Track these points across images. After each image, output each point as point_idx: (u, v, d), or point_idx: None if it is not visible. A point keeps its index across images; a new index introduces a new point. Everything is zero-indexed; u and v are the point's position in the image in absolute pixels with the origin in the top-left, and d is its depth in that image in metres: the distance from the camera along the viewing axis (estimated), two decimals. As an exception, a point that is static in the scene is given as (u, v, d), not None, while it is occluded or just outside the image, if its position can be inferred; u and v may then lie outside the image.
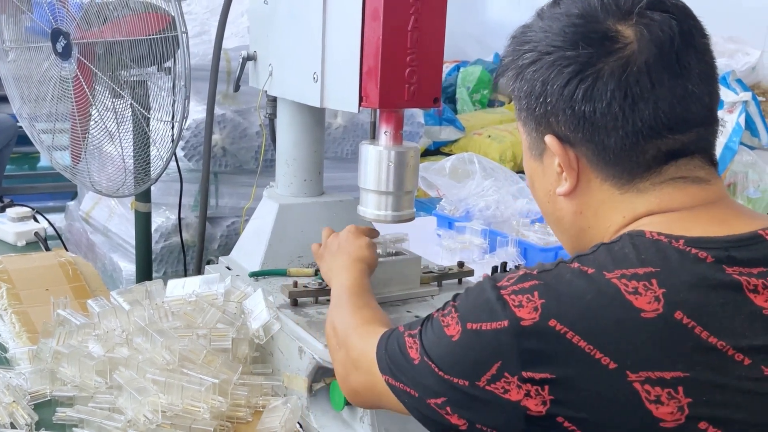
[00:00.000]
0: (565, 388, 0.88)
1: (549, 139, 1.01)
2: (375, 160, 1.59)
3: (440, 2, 1.53)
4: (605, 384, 0.86)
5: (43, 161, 5.30)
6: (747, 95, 3.88)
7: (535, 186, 1.12)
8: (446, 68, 6.08)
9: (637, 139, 0.96)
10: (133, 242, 2.59)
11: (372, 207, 1.62)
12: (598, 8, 0.98)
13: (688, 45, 0.96)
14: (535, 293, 0.91)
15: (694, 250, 0.91)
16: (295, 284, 1.65)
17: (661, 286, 0.88)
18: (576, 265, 0.93)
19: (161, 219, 2.85)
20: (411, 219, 1.66)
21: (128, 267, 2.95)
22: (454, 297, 1.03)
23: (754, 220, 0.98)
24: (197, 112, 2.65)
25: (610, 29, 0.96)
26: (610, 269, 0.91)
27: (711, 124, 1.00)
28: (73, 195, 3.90)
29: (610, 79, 0.94)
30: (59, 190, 4.85)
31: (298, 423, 1.44)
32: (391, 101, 1.53)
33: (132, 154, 2.22)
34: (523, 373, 0.89)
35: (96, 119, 2.25)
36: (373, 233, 1.64)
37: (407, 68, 1.52)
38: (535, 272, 0.95)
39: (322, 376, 1.46)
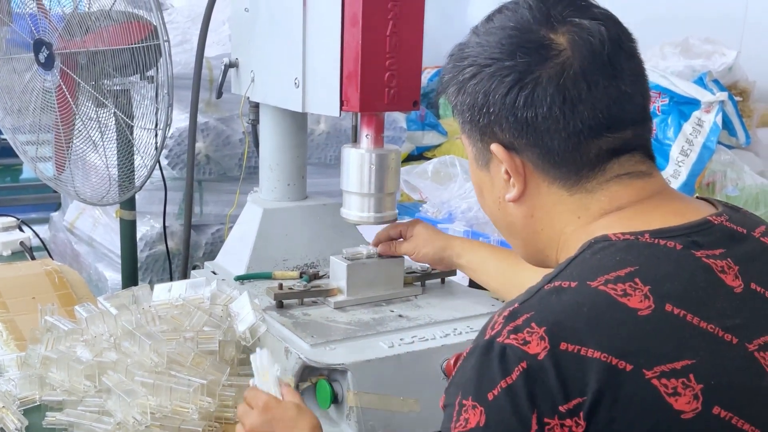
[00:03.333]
0: (593, 405, 0.86)
1: (495, 147, 1.04)
2: (357, 163, 1.62)
3: (418, 7, 1.57)
4: (628, 387, 0.86)
5: (26, 173, 5.28)
6: (723, 95, 3.92)
7: (484, 195, 1.14)
8: (428, 73, 6.11)
9: (579, 140, 0.99)
10: (118, 251, 2.59)
11: (355, 209, 1.66)
12: (530, 20, 1.02)
13: (618, 48, 1.01)
14: (533, 324, 0.89)
15: (662, 241, 0.95)
16: (281, 286, 1.67)
17: (645, 283, 0.90)
18: (556, 283, 0.93)
19: (146, 228, 2.85)
20: (393, 220, 1.69)
21: (113, 276, 2.95)
22: (447, 395, 0.95)
23: (699, 207, 1.04)
24: (180, 120, 2.66)
25: (544, 38, 1.00)
26: (592, 278, 0.92)
27: (646, 121, 1.04)
28: (57, 206, 3.90)
29: (549, 84, 0.98)
30: (42, 202, 4.83)
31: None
32: (371, 105, 1.56)
33: (116, 162, 2.23)
34: (560, 408, 0.86)
35: (80, 128, 2.26)
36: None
37: (387, 72, 1.55)
38: (517, 305, 0.93)
39: (308, 375, 1.48)
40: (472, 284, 2.09)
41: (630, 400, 0.86)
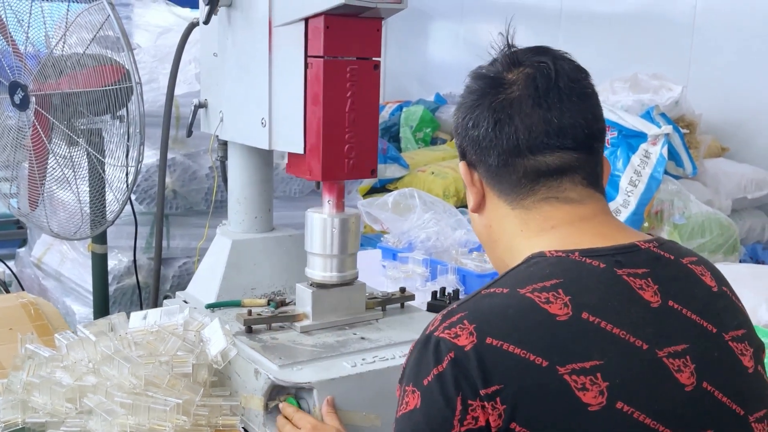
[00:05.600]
0: (511, 393, 1.01)
1: (461, 164, 1.25)
2: (320, 227, 1.75)
3: (374, 85, 1.72)
4: (541, 380, 1.01)
5: (-13, 209, 5.28)
6: (668, 128, 4.10)
7: (469, 208, 1.32)
8: (390, 108, 6.28)
9: (506, 158, 1.17)
10: (87, 286, 2.66)
11: (318, 269, 1.78)
12: (500, 64, 1.21)
13: (560, 83, 1.16)
14: (465, 321, 1.06)
15: (588, 260, 1.11)
16: (250, 313, 1.78)
17: (567, 294, 1.06)
18: (491, 290, 1.11)
19: (114, 261, 2.92)
20: (355, 278, 1.82)
21: (81, 310, 3.01)
22: (399, 384, 1.11)
23: (630, 234, 1.19)
24: (147, 156, 2.74)
25: (502, 76, 1.19)
26: (522, 286, 1.08)
27: (581, 151, 1.17)
28: (22, 242, 3.94)
29: (487, 109, 1.18)
30: (7, 238, 4.85)
31: (256, 439, 1.55)
32: (332, 174, 1.72)
33: (88, 198, 2.32)
34: (481, 392, 1.02)
35: (53, 166, 2.35)
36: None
37: (346, 145, 1.70)
38: (455, 306, 1.11)
39: (277, 394, 1.58)
40: (430, 308, 2.21)
41: (543, 391, 1.01)
